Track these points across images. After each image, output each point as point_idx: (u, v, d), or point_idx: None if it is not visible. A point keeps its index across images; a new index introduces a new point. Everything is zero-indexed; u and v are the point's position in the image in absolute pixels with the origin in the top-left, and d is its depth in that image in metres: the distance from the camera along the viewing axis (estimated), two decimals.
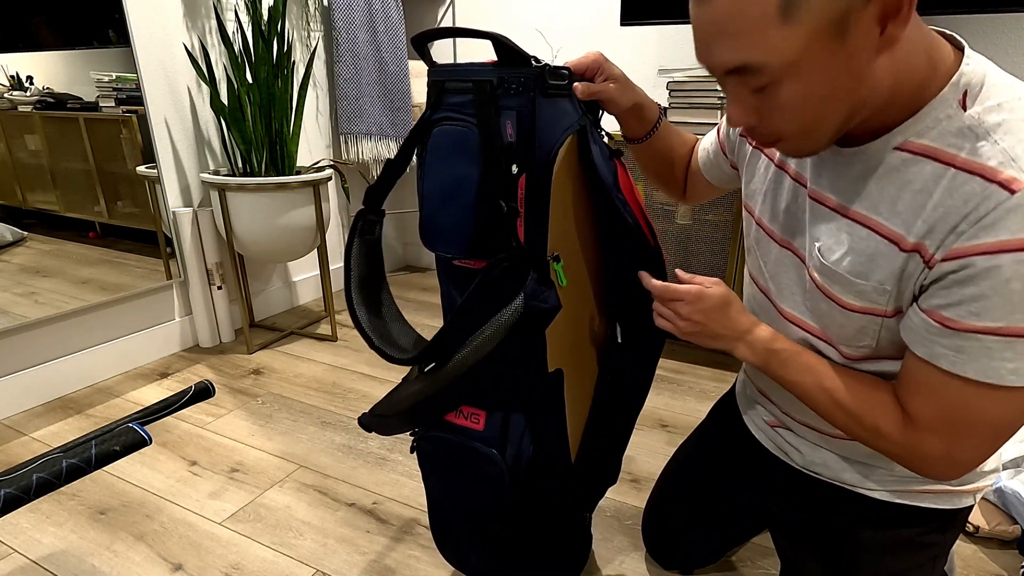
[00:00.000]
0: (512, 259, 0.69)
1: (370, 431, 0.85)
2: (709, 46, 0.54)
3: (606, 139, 0.77)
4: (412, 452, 0.89)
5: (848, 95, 0.54)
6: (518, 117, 0.67)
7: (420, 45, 0.74)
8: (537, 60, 0.67)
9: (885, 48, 0.51)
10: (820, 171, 0.66)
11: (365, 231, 0.81)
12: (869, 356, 0.66)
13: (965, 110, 0.54)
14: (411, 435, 0.88)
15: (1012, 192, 0.49)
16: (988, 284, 0.51)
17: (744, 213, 0.82)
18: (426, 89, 0.75)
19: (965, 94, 0.54)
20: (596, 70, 0.74)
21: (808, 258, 0.68)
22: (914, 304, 0.58)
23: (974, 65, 0.55)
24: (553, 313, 0.70)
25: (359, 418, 0.84)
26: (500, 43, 0.65)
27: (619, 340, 0.89)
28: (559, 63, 0.71)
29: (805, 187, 0.68)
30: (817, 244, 0.65)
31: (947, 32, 0.58)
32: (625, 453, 1.10)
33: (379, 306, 0.81)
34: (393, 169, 0.78)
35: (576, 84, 0.72)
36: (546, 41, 2.24)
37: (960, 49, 0.56)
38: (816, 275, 0.66)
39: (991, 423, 0.56)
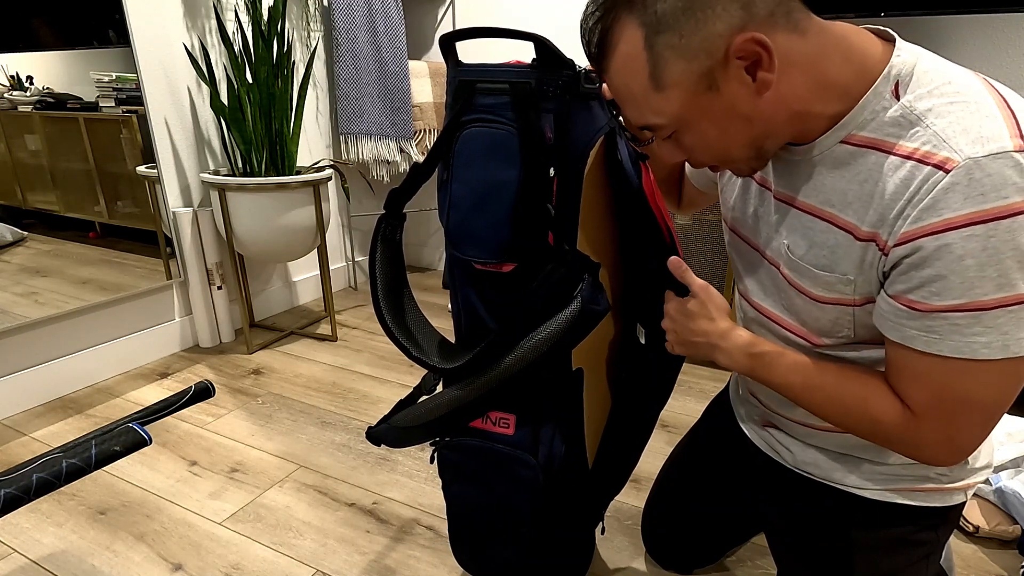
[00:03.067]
0: (568, 263, 0.69)
1: (379, 444, 0.84)
2: (620, 108, 0.65)
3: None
4: (432, 462, 0.88)
5: (743, 132, 0.60)
6: (555, 120, 0.67)
7: (448, 44, 0.72)
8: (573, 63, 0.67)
9: (763, 90, 0.56)
10: (780, 172, 0.68)
11: (387, 235, 0.79)
12: (850, 343, 0.67)
13: (898, 99, 0.56)
14: (431, 444, 0.87)
15: (947, 172, 0.51)
16: (941, 264, 0.52)
17: (722, 221, 0.84)
18: (449, 88, 0.72)
19: (897, 84, 0.57)
20: None
21: (778, 256, 0.70)
22: (882, 291, 0.60)
23: (904, 55, 0.57)
24: (604, 315, 0.70)
25: (368, 432, 0.83)
26: (542, 45, 0.64)
27: (642, 341, 0.89)
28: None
29: (771, 190, 0.71)
30: (785, 242, 0.67)
31: (877, 28, 0.61)
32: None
33: (405, 313, 0.80)
34: (420, 174, 0.76)
35: (604, 86, 0.72)
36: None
37: (891, 41, 0.59)
38: (787, 271, 0.68)
39: (982, 400, 0.57)
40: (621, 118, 0.79)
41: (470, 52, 2.41)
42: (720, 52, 0.54)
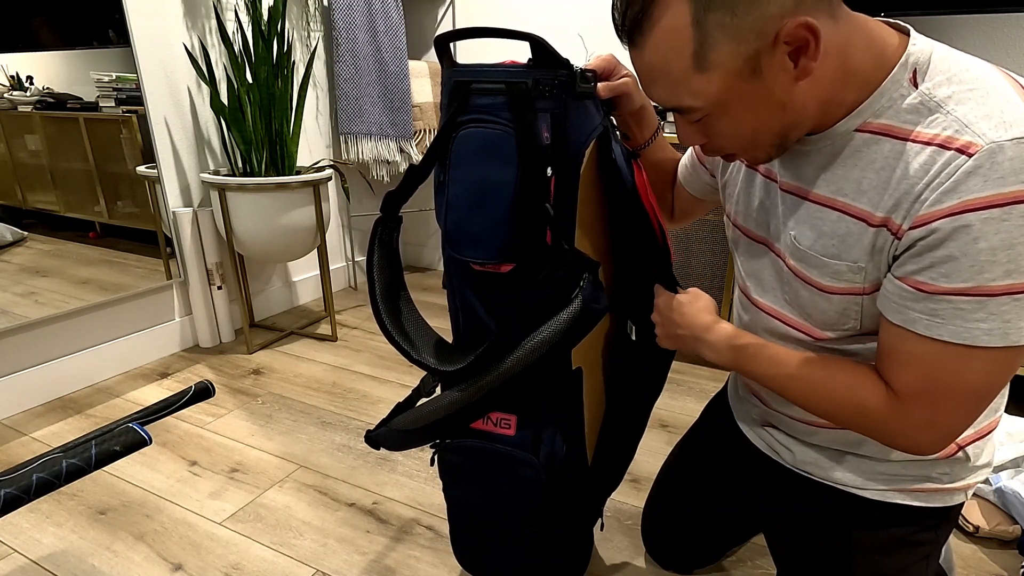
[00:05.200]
0: (568, 263, 0.69)
1: (378, 448, 0.84)
2: (647, 87, 0.62)
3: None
4: (432, 464, 0.88)
5: (776, 120, 0.59)
6: (552, 119, 0.66)
7: (443, 45, 0.72)
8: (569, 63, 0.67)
9: (802, 77, 0.55)
10: (787, 163, 0.68)
11: (384, 239, 0.79)
12: (855, 335, 0.67)
13: (916, 87, 0.56)
14: (431, 447, 0.87)
15: (969, 156, 0.51)
16: (955, 245, 0.52)
17: (724, 217, 0.84)
18: (444, 89, 0.72)
19: (915, 72, 0.57)
20: (612, 70, 0.75)
21: (784, 248, 0.69)
22: (888, 274, 0.59)
23: (920, 45, 0.57)
24: (604, 314, 0.70)
25: (367, 435, 0.82)
26: (538, 45, 0.64)
27: (633, 338, 0.89)
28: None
29: (776, 181, 0.71)
30: (792, 233, 0.67)
31: (892, 21, 0.61)
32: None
33: (403, 315, 0.80)
34: (416, 176, 0.76)
35: (599, 84, 0.72)
36: (584, 44, 2.24)
37: (906, 33, 0.59)
38: (793, 262, 0.68)
39: (971, 387, 0.57)
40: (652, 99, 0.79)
41: (468, 52, 2.42)
42: (770, 35, 0.52)
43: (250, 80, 1.78)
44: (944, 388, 0.58)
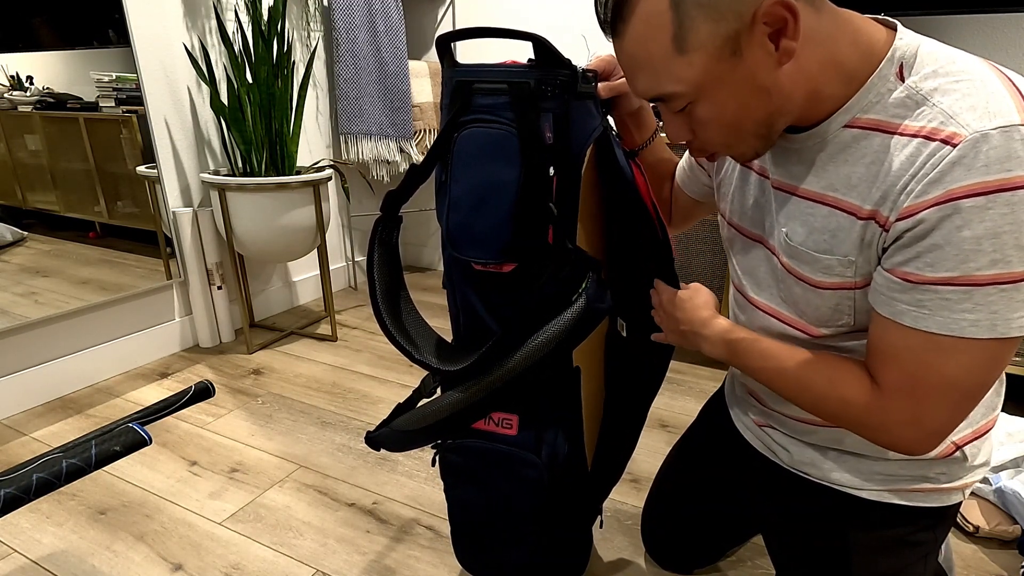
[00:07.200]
0: (573, 262, 0.70)
1: (379, 449, 0.84)
2: (631, 78, 0.62)
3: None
4: (433, 465, 0.88)
5: (760, 105, 0.59)
6: (554, 119, 0.67)
7: (445, 44, 0.72)
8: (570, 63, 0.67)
9: (785, 60, 0.56)
10: (779, 160, 0.68)
11: (384, 238, 0.79)
12: (849, 331, 0.67)
13: (903, 81, 0.57)
14: (432, 448, 0.87)
15: (954, 146, 0.51)
16: (941, 234, 0.52)
17: (719, 217, 0.85)
18: (445, 89, 0.72)
19: (901, 66, 0.57)
20: (612, 71, 0.76)
21: (777, 245, 0.70)
22: (878, 267, 0.59)
23: (907, 39, 0.58)
24: (608, 313, 0.70)
25: (367, 436, 0.82)
26: (541, 45, 0.64)
27: (623, 335, 0.89)
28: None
29: (769, 179, 0.71)
30: (784, 230, 0.67)
31: (880, 17, 0.62)
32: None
33: (403, 315, 0.80)
34: (417, 176, 0.76)
35: (599, 84, 0.73)
36: (586, 45, 2.24)
37: (893, 29, 0.60)
38: (785, 259, 0.68)
39: (957, 381, 0.56)
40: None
41: (467, 52, 2.42)
42: (748, 15, 0.53)
43: (250, 80, 1.78)
44: (929, 383, 0.57)
